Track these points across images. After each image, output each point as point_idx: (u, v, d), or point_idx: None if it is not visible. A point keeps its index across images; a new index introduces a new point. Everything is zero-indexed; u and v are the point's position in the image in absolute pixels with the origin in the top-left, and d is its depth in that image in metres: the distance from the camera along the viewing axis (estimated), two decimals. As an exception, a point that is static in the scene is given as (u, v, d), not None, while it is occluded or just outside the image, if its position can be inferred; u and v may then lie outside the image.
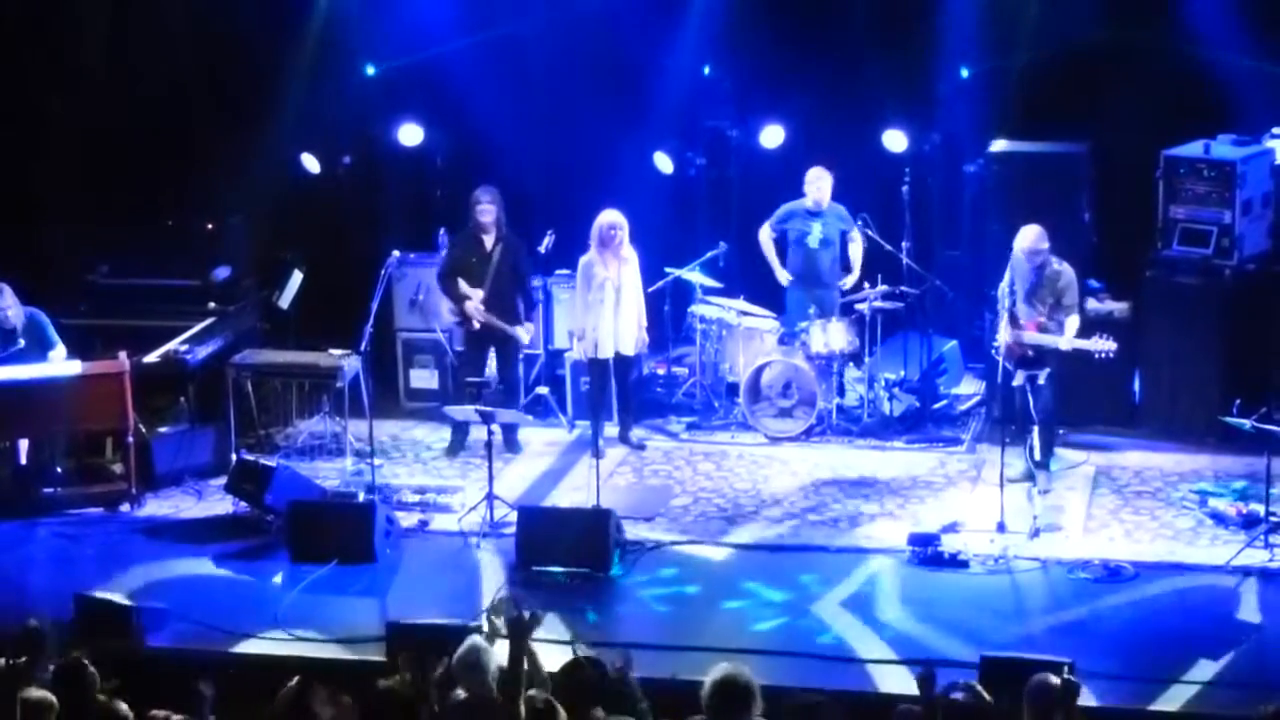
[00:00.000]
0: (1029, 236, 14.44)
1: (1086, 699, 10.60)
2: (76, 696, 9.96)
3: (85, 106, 16.64)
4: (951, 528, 13.82)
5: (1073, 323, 14.47)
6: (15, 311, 14.72)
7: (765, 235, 16.11)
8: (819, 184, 15.88)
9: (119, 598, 12.30)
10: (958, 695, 10.00)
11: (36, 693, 9.93)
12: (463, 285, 15.52)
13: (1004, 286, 14.41)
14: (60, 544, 14.13)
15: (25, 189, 16.17)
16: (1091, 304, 15.24)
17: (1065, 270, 14.50)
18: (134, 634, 11.88)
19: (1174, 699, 11.31)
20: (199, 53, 16.81)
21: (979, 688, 10.12)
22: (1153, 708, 11.19)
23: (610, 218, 15.23)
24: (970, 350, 16.48)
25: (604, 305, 15.26)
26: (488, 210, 15.39)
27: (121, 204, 16.50)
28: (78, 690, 10.01)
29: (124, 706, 9.80)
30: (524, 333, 15.76)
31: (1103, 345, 14.23)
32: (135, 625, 11.98)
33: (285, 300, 16.17)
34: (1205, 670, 11.69)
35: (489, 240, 15.50)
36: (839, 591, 13.07)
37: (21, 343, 14.78)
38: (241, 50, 16.60)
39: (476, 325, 15.59)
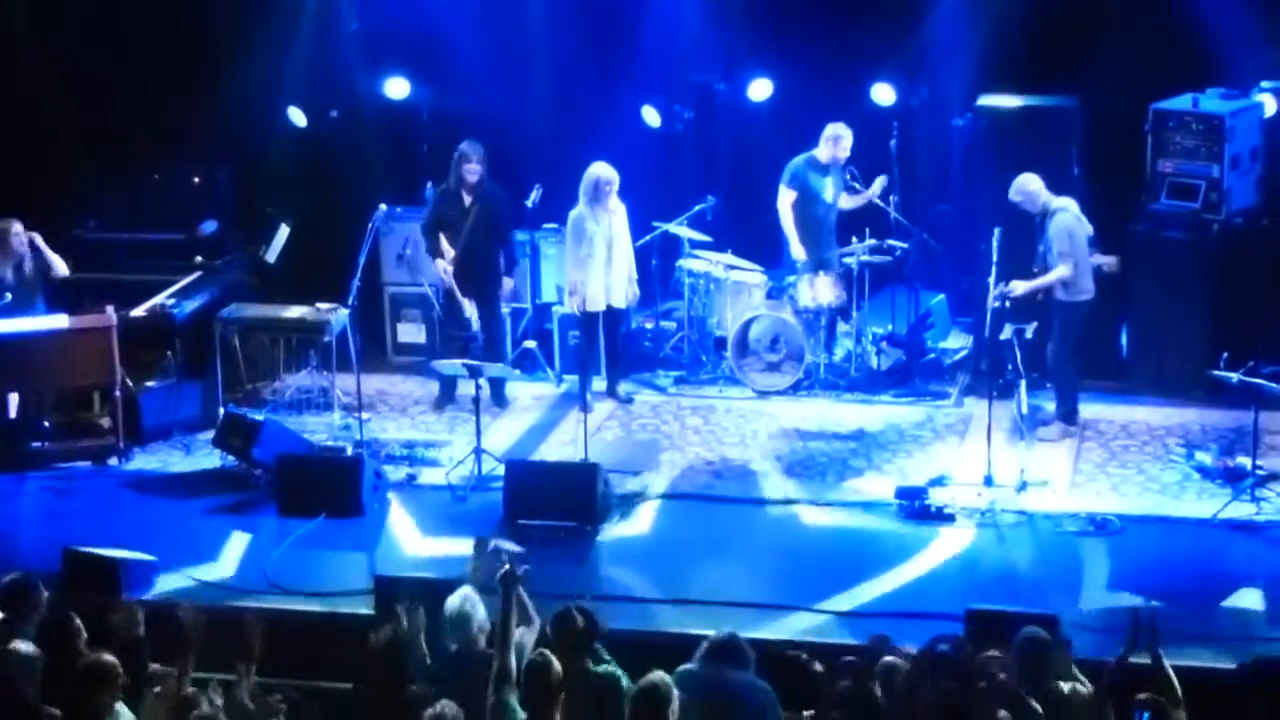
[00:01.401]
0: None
1: (1077, 649, 10.68)
2: (63, 650, 9.97)
3: (71, 60, 16.58)
4: (939, 481, 13.84)
5: (1056, 271, 14.50)
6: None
7: (787, 202, 15.79)
8: (845, 142, 15.69)
9: (107, 552, 12.30)
10: (943, 648, 10.04)
11: (23, 646, 9.96)
12: (443, 241, 15.50)
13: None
14: (48, 498, 14.15)
15: (11, 144, 16.09)
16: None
17: (1056, 219, 14.52)
18: (122, 588, 11.87)
19: (1175, 655, 11.30)
20: (186, 4, 16.72)
21: (965, 641, 10.16)
22: (1137, 660, 11.20)
23: (602, 171, 15.18)
24: (958, 305, 16.49)
25: (595, 259, 15.23)
26: (474, 170, 15.34)
27: (108, 158, 16.45)
28: (64, 644, 10.02)
29: (111, 659, 9.80)
30: (507, 285, 15.74)
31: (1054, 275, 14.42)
32: (123, 579, 11.98)
33: (272, 254, 16.15)
34: (1190, 623, 11.73)
35: (468, 196, 15.47)
36: (824, 544, 13.12)
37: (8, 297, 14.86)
38: (228, 2, 16.53)
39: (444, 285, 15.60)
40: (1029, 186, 14.60)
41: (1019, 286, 14.52)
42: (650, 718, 9.15)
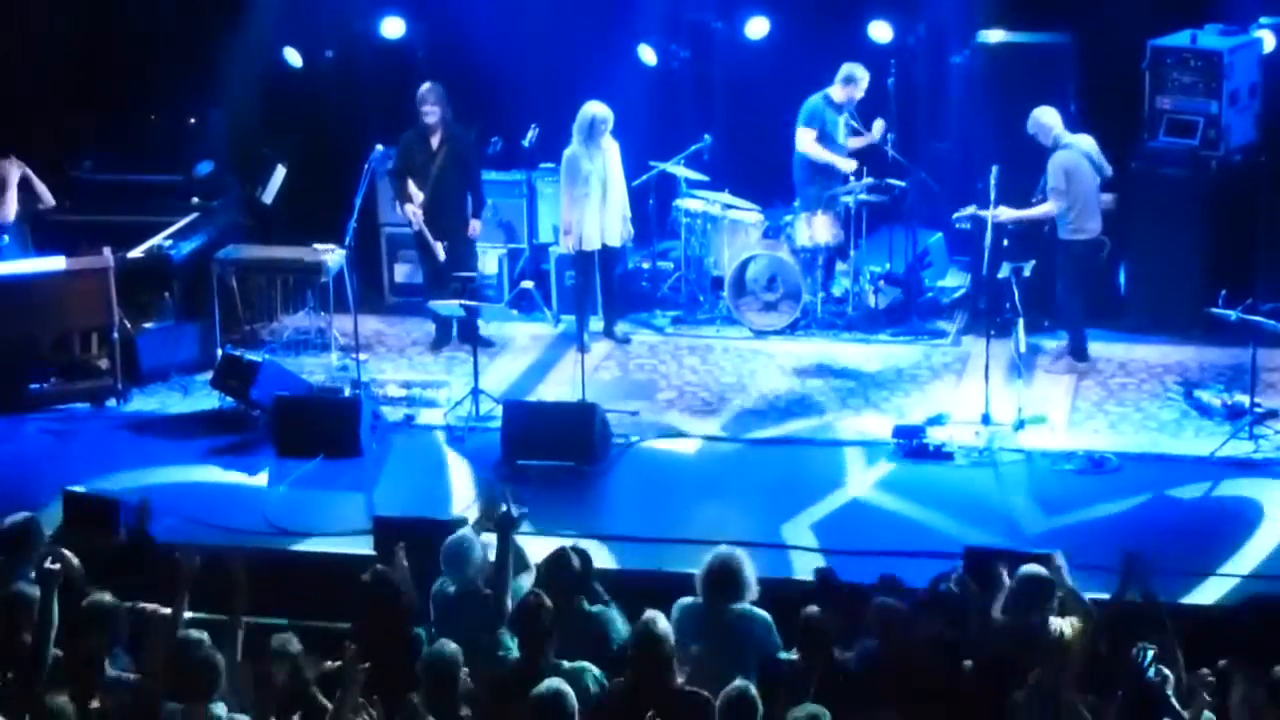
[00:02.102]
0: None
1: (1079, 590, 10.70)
2: (69, 592, 9.99)
3: (69, 1, 16.49)
4: (936, 420, 13.84)
5: (1043, 207, 14.60)
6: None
7: (810, 140, 15.70)
8: (863, 83, 15.65)
9: (106, 493, 12.31)
10: (947, 586, 10.05)
11: (24, 587, 9.98)
12: (411, 186, 15.47)
13: None
14: (47, 440, 14.16)
15: (9, 85, 16.03)
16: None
17: (1056, 155, 14.55)
18: (120, 528, 11.88)
19: (1170, 592, 11.32)
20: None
21: (968, 579, 10.18)
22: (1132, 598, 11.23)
23: (596, 110, 15.12)
24: (955, 243, 16.44)
25: (590, 199, 15.18)
26: (432, 112, 15.29)
27: (104, 99, 16.40)
28: (70, 585, 10.03)
29: (110, 598, 9.82)
30: (474, 227, 15.71)
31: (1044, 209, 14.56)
32: (122, 520, 11.98)
33: (269, 195, 16.13)
34: (1188, 562, 11.75)
35: (435, 140, 15.42)
36: (823, 484, 13.13)
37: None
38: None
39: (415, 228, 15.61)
40: (1044, 119, 14.65)
41: (1005, 213, 14.63)
42: (648, 656, 9.19)
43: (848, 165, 15.77)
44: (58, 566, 9.50)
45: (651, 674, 9.19)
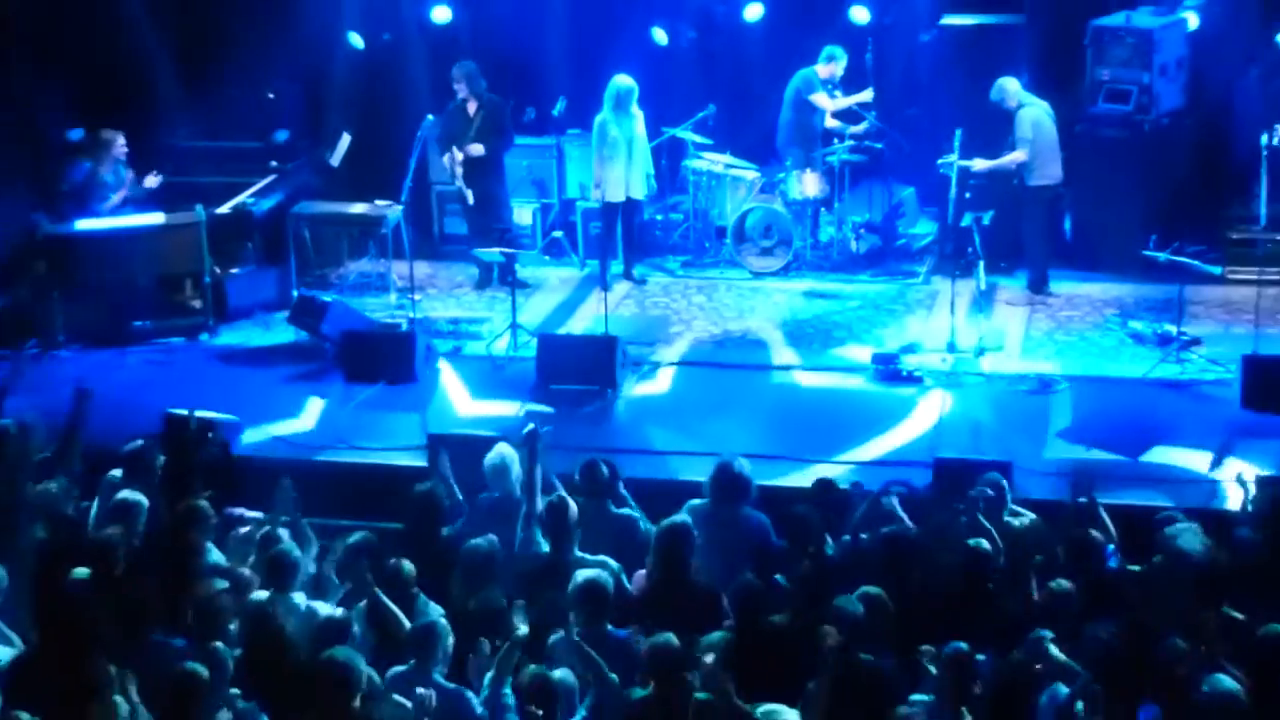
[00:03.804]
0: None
1: (1028, 492, 10.71)
2: (171, 500, 10.05)
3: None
4: (909, 348, 13.82)
5: (1014, 155, 14.61)
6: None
7: (827, 100, 15.67)
8: (842, 64, 15.63)
9: (201, 414, 12.34)
10: (898, 490, 10.03)
11: (130, 495, 10.04)
12: (453, 148, 15.53)
13: None
14: (148, 369, 14.15)
15: (115, 65, 15.95)
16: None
17: (1023, 111, 14.63)
18: (213, 445, 11.91)
19: (1108, 494, 11.34)
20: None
21: (912, 484, 10.19)
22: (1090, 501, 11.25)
23: (624, 82, 15.08)
24: (926, 195, 16.37)
25: (617, 159, 15.14)
26: (460, 87, 15.35)
27: (195, 78, 16.33)
28: (172, 495, 10.10)
29: (207, 505, 9.87)
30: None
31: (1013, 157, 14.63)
32: (214, 437, 12.01)
33: (336, 159, 16.05)
34: (1128, 467, 11.78)
35: (471, 107, 15.43)
36: (813, 402, 13.12)
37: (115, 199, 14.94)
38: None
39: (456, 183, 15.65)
40: (1008, 86, 14.75)
41: (979, 163, 14.71)
42: (674, 553, 9.23)
43: (867, 96, 15.67)
44: None
45: (674, 568, 9.24)
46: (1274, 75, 14.73)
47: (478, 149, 15.43)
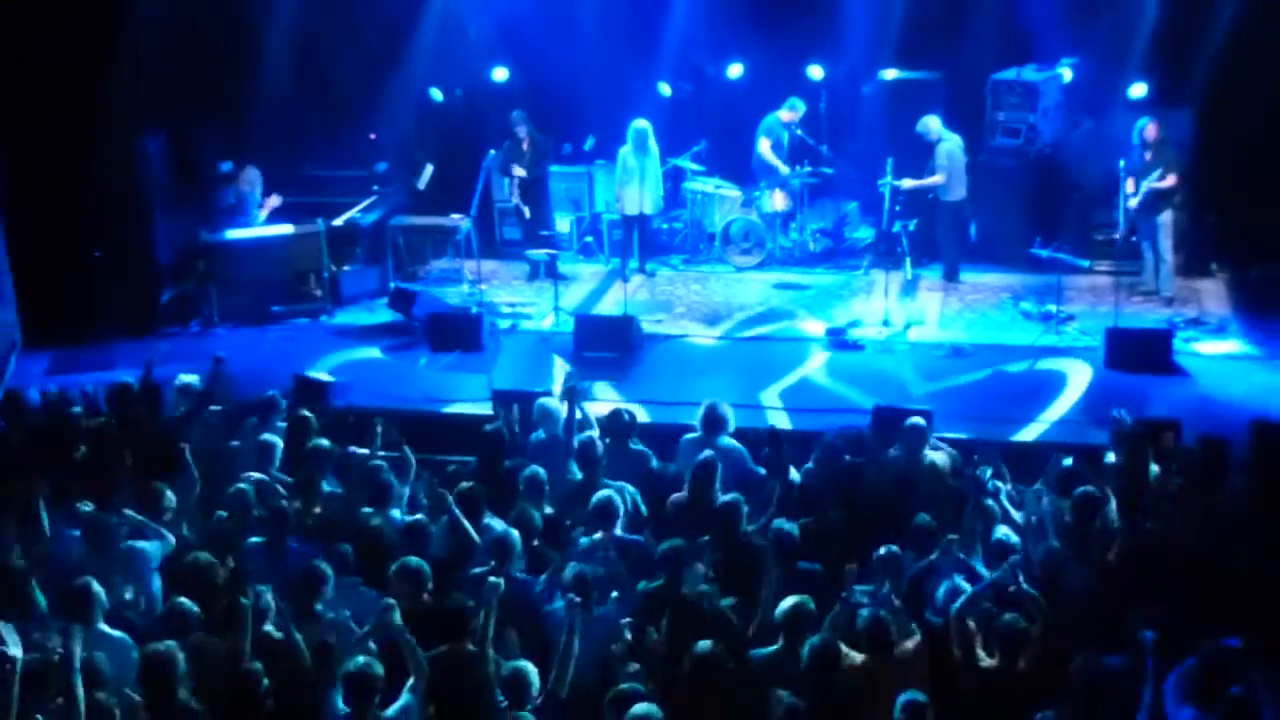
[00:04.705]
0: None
1: (946, 433, 10.65)
2: (298, 440, 10.05)
3: (297, 57, 16.10)
4: (854, 324, 13.75)
5: (934, 178, 14.51)
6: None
7: (766, 146, 15.40)
8: (800, 112, 15.47)
9: (321, 376, 12.34)
10: (849, 435, 9.97)
11: (269, 437, 10.03)
12: (507, 179, 15.55)
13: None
14: (282, 342, 14.11)
15: (256, 115, 15.84)
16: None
17: (941, 144, 14.50)
18: (331, 399, 11.92)
19: (1004, 433, 11.34)
20: (365, 23, 16.35)
21: (861, 429, 10.12)
22: (989, 438, 11.19)
23: (641, 124, 14.99)
24: (866, 208, 16.22)
25: (633, 182, 15.04)
26: (519, 130, 15.32)
27: (318, 122, 16.24)
28: (299, 436, 10.09)
29: (327, 443, 9.86)
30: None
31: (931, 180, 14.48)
32: (332, 393, 12.02)
33: (421, 183, 15.99)
34: (1021, 414, 11.73)
35: (524, 144, 15.37)
36: (782, 366, 13.06)
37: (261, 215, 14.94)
38: (388, 22, 16.19)
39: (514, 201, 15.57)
40: (930, 123, 14.61)
41: (907, 183, 14.63)
42: (703, 477, 9.18)
43: (784, 169, 15.49)
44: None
45: (703, 489, 9.17)
46: (1126, 115, 14.62)
47: (520, 171, 15.42)
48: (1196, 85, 14.26)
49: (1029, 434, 11.39)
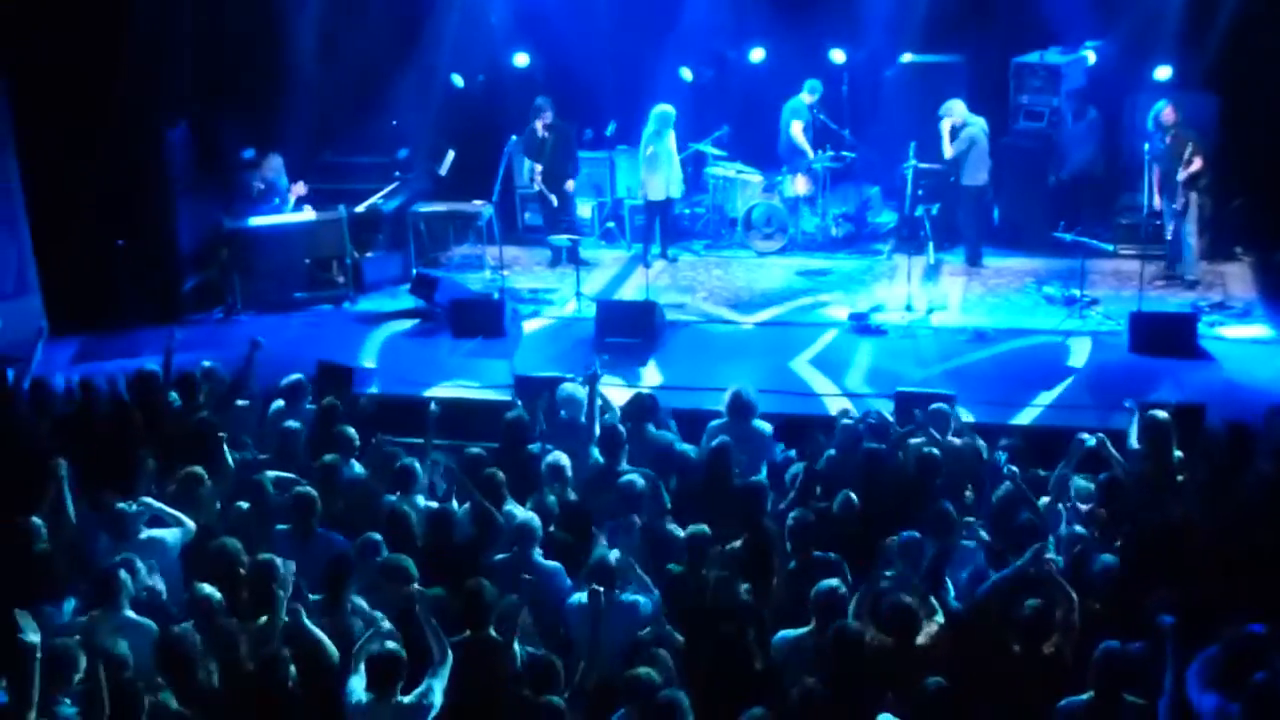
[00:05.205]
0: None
1: (967, 417, 10.64)
2: (323, 426, 10.07)
3: (323, 52, 16.11)
4: (877, 308, 13.71)
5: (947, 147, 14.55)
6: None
7: (799, 128, 15.42)
8: (820, 92, 15.42)
9: (344, 362, 12.36)
10: (870, 420, 9.95)
11: (292, 423, 10.05)
12: (527, 161, 15.47)
13: None
14: (306, 328, 14.14)
15: (280, 104, 15.79)
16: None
17: (965, 129, 14.47)
18: (355, 385, 11.94)
19: (1024, 416, 11.32)
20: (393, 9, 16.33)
21: (883, 414, 10.11)
22: (1011, 422, 11.19)
23: (664, 109, 14.95)
24: (888, 193, 16.22)
25: (657, 168, 15.01)
26: (545, 116, 15.19)
27: (340, 110, 16.25)
28: (325, 422, 10.12)
29: (352, 430, 9.88)
30: (569, 185, 15.51)
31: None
32: (355, 379, 12.04)
33: (444, 170, 15.99)
34: (1044, 398, 11.69)
35: (543, 131, 15.28)
36: (806, 352, 13.03)
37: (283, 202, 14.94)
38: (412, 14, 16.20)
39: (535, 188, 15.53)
40: (955, 107, 14.53)
41: (949, 151, 14.58)
42: (719, 460, 9.26)
43: (811, 152, 15.48)
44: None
45: (720, 473, 9.19)
46: (1151, 98, 14.54)
47: (570, 185, 15.41)
48: (1221, 68, 14.19)
49: (1055, 417, 11.32)
